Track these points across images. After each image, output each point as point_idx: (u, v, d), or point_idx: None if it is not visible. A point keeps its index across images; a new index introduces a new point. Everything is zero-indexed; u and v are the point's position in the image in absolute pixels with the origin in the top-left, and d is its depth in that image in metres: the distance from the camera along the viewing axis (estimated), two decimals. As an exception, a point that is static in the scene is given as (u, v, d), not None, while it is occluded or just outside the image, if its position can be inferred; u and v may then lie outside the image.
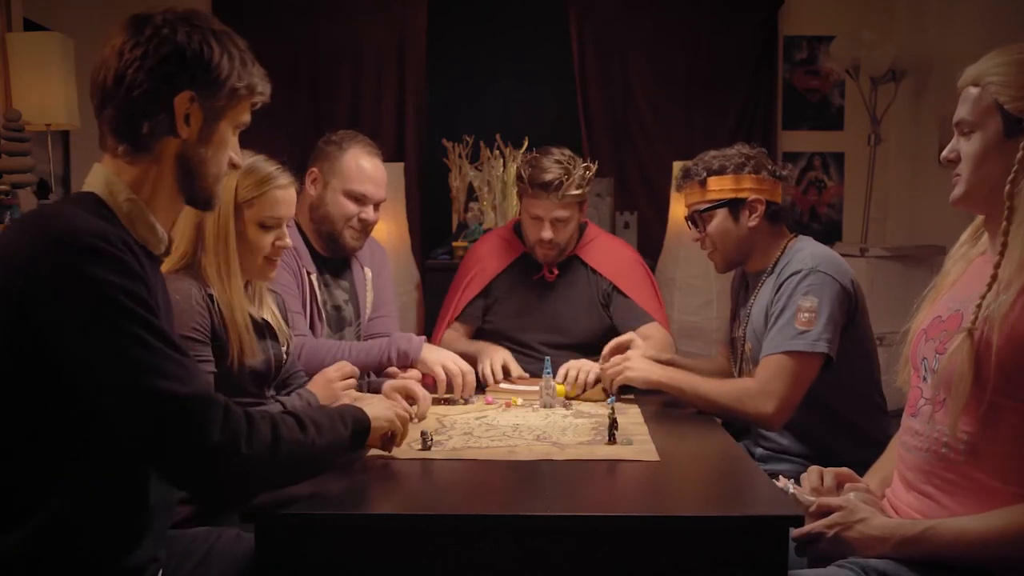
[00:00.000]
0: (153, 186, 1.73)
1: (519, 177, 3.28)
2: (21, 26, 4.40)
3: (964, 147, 1.87)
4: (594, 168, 3.31)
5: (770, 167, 2.75)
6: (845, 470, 2.06)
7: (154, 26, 1.66)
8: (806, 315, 2.50)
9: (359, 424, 1.89)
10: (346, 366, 2.51)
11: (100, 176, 1.71)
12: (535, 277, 3.38)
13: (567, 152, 3.27)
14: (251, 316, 2.36)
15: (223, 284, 2.30)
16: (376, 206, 3.02)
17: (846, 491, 1.97)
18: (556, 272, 3.37)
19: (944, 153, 1.91)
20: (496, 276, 3.42)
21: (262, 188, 2.34)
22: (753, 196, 2.72)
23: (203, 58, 1.67)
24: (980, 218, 1.97)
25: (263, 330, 2.41)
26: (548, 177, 3.16)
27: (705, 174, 2.75)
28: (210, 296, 2.27)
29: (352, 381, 2.49)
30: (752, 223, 2.73)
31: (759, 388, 2.51)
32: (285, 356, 2.49)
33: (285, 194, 2.39)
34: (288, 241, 2.44)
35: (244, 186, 2.32)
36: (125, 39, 1.66)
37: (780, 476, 2.09)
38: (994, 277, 1.77)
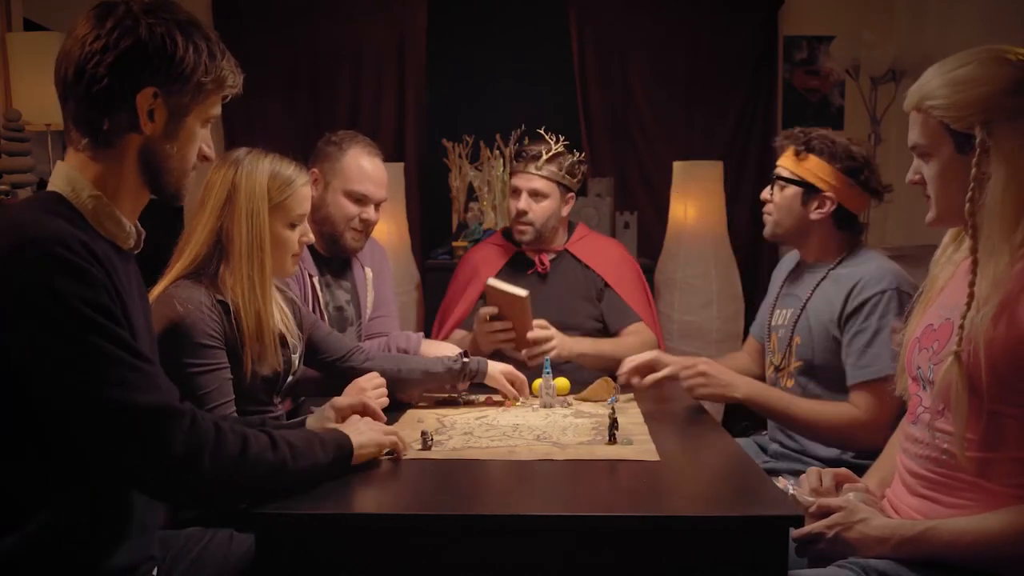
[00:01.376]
0: (117, 181, 1.70)
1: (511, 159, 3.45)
2: (21, 26, 4.42)
3: (925, 171, 1.91)
4: (580, 156, 3.42)
5: (863, 176, 2.69)
6: (843, 470, 2.08)
7: (116, 17, 1.62)
8: (900, 337, 2.46)
9: (341, 451, 1.91)
10: (377, 376, 2.51)
11: (63, 174, 1.68)
12: (529, 272, 3.43)
13: (563, 139, 3.41)
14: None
15: (254, 293, 2.31)
16: (377, 206, 3.03)
17: (845, 491, 1.99)
18: (548, 266, 3.44)
19: (908, 176, 1.96)
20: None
21: (289, 189, 2.36)
22: (830, 192, 2.68)
23: (166, 52, 1.63)
24: None
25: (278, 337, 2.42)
26: (532, 150, 3.38)
27: (805, 147, 2.71)
28: (220, 303, 2.27)
29: (383, 390, 2.48)
30: (815, 216, 2.70)
31: (869, 420, 2.48)
32: (296, 362, 2.50)
33: (307, 190, 2.43)
34: (311, 235, 2.47)
35: (273, 189, 2.33)
36: (88, 30, 1.62)
37: (780, 477, 2.11)
38: (971, 295, 1.78)
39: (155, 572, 1.82)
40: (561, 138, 3.40)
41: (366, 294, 3.15)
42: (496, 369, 2.76)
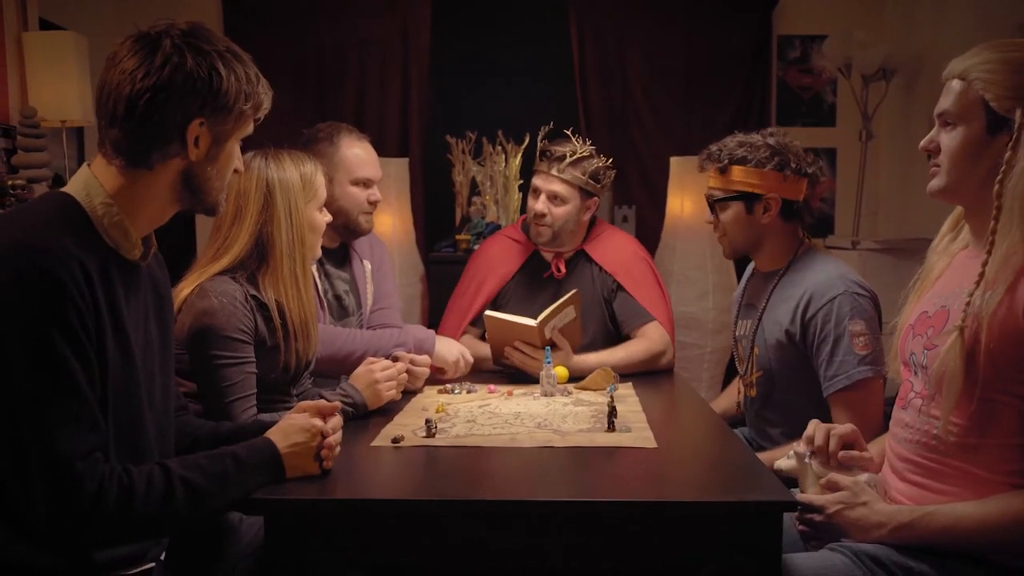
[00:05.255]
0: (142, 197, 1.73)
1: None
2: (37, 25, 4.47)
3: (945, 139, 1.88)
4: (607, 162, 3.31)
5: (794, 165, 2.67)
6: (849, 430, 2.05)
7: (164, 53, 1.65)
8: (861, 339, 2.48)
9: (265, 456, 1.85)
10: (393, 367, 2.56)
11: (82, 179, 1.71)
12: (544, 275, 3.40)
13: (589, 143, 3.32)
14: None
15: (299, 290, 2.39)
16: (376, 184, 3.11)
17: (850, 460, 2.00)
18: (564, 270, 3.38)
19: (923, 143, 1.93)
20: (508, 280, 3.43)
21: (316, 177, 2.49)
22: (770, 193, 2.67)
23: (213, 86, 1.68)
24: (959, 209, 2.00)
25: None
26: (557, 151, 3.26)
27: (727, 162, 2.70)
28: (254, 298, 2.34)
29: (394, 383, 2.53)
30: (764, 220, 2.70)
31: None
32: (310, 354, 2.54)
33: (321, 173, 2.54)
34: (328, 215, 2.59)
35: (306, 183, 2.45)
36: (136, 65, 1.65)
37: (800, 443, 2.09)
38: (981, 275, 1.79)
39: (163, 556, 1.87)
40: (587, 141, 3.32)
41: (365, 287, 3.18)
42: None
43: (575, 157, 3.25)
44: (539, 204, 3.29)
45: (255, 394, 2.33)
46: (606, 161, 3.33)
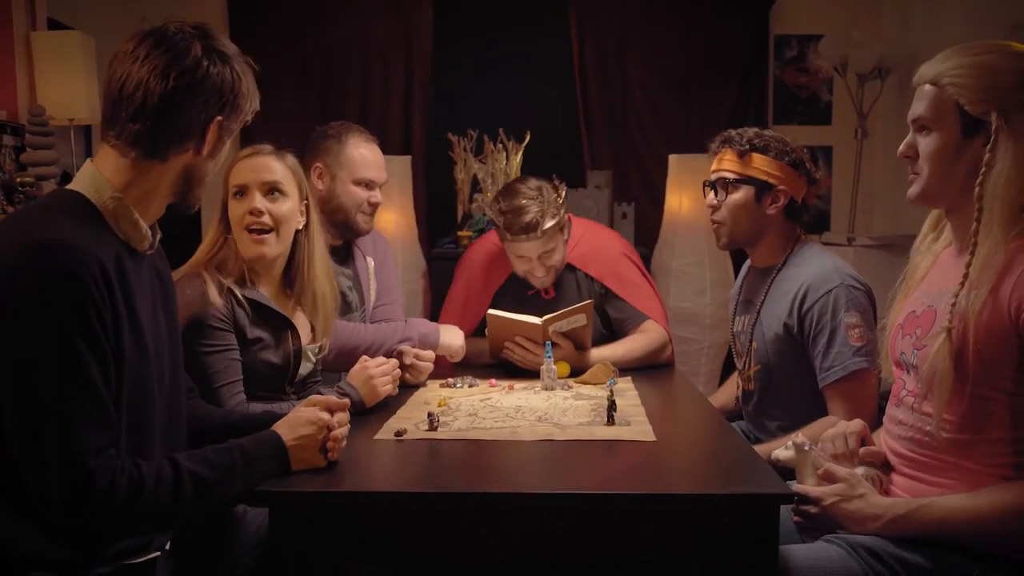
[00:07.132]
0: (149, 189, 1.76)
1: (495, 224, 3.23)
2: (45, 25, 4.50)
3: (922, 144, 1.90)
4: (555, 181, 3.25)
5: (808, 166, 2.75)
6: (860, 427, 2.09)
7: (195, 55, 1.71)
8: (856, 331, 2.51)
9: (268, 448, 1.88)
10: (387, 363, 2.56)
11: (87, 175, 1.74)
12: (530, 292, 3.36)
13: (533, 184, 3.20)
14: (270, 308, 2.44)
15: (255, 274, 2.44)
16: (380, 188, 3.13)
17: (862, 455, 2.03)
18: (552, 293, 3.34)
19: (901, 149, 1.94)
20: (495, 292, 3.40)
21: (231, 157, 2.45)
22: (782, 186, 2.72)
23: (235, 88, 1.77)
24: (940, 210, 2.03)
25: (284, 323, 2.48)
26: (525, 219, 3.12)
27: (749, 147, 2.73)
28: (229, 289, 2.37)
29: (389, 378, 2.54)
30: (771, 211, 2.74)
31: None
32: (310, 355, 2.53)
33: (251, 161, 2.49)
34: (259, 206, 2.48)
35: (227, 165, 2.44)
36: (167, 63, 1.70)
37: (799, 433, 2.11)
38: (965, 276, 1.81)
39: (168, 546, 1.90)
40: (547, 188, 3.19)
41: (369, 283, 3.20)
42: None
43: (540, 214, 3.13)
44: (537, 270, 3.25)
45: (241, 380, 2.35)
46: (555, 180, 3.26)
